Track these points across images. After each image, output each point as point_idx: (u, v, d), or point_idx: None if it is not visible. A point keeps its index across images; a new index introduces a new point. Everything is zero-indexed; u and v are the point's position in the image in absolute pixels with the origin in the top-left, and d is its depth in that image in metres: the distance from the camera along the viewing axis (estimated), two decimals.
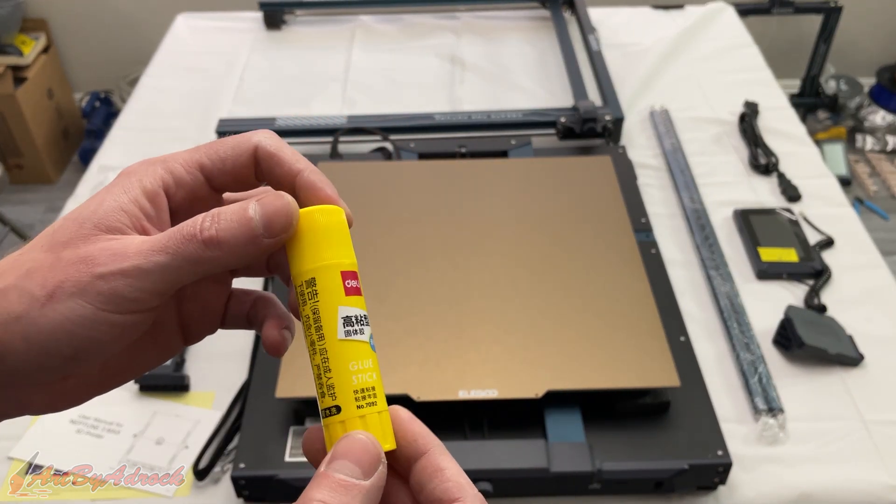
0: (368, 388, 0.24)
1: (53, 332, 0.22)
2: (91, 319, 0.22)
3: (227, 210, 0.23)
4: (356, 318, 0.25)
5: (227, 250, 0.23)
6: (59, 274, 0.22)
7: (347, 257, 0.26)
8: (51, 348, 0.22)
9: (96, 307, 0.22)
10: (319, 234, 0.25)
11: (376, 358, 0.25)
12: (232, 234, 0.23)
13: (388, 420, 0.25)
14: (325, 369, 0.24)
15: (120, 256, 0.22)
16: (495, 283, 0.69)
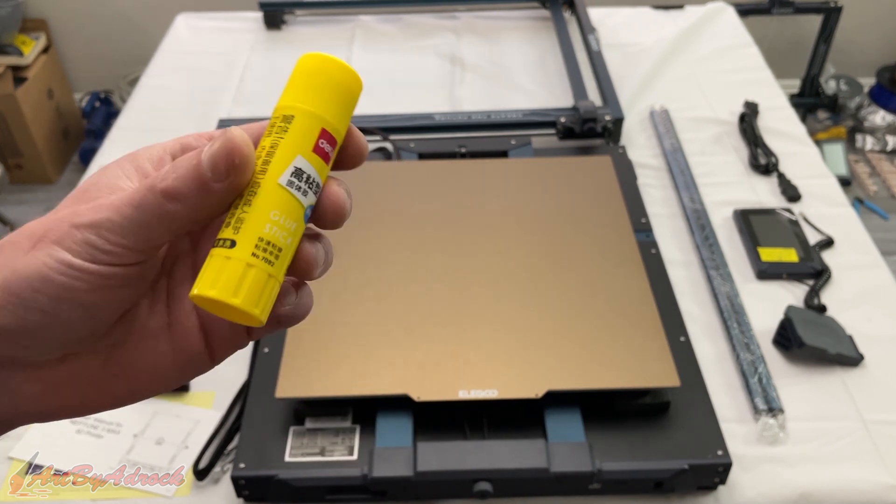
0: (276, 246, 0.22)
1: (29, 278, 0.21)
2: (66, 264, 0.21)
3: (183, 157, 0.22)
4: (308, 178, 0.23)
5: (184, 201, 0.22)
6: (45, 226, 0.22)
7: (339, 122, 0.24)
8: (28, 298, 0.21)
9: (72, 254, 0.22)
10: (324, 82, 0.24)
11: (301, 234, 0.23)
12: (184, 183, 0.22)
13: (275, 293, 0.23)
14: (246, 202, 0.22)
15: (96, 209, 0.22)
16: (495, 282, 0.69)
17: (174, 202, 0.22)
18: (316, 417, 0.61)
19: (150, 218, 0.22)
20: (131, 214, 0.22)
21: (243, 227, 0.22)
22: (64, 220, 0.22)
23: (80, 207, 0.23)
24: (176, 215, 0.22)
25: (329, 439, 0.60)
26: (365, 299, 0.68)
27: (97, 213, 0.22)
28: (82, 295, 0.22)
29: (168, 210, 0.22)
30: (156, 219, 0.22)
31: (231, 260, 0.22)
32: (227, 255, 0.22)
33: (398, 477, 0.56)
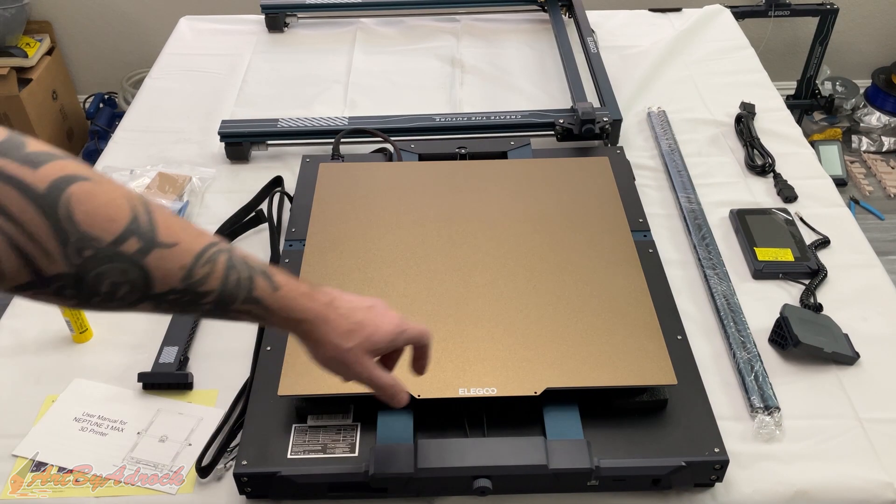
0: None
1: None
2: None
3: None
4: None
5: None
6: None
7: None
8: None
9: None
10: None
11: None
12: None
13: None
14: None
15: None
16: (495, 282, 0.70)
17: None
18: (317, 415, 0.62)
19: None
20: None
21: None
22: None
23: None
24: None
25: (331, 436, 0.61)
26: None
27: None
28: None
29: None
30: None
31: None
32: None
33: (399, 474, 0.57)
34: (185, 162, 0.97)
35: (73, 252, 0.36)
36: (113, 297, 0.38)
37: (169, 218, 0.40)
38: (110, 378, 0.70)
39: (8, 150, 0.35)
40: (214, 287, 0.42)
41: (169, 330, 0.73)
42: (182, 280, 0.40)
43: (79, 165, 0.37)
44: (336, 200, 0.80)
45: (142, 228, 0.38)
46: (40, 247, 0.35)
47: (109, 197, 0.37)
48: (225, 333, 0.75)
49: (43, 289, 0.37)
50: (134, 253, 0.38)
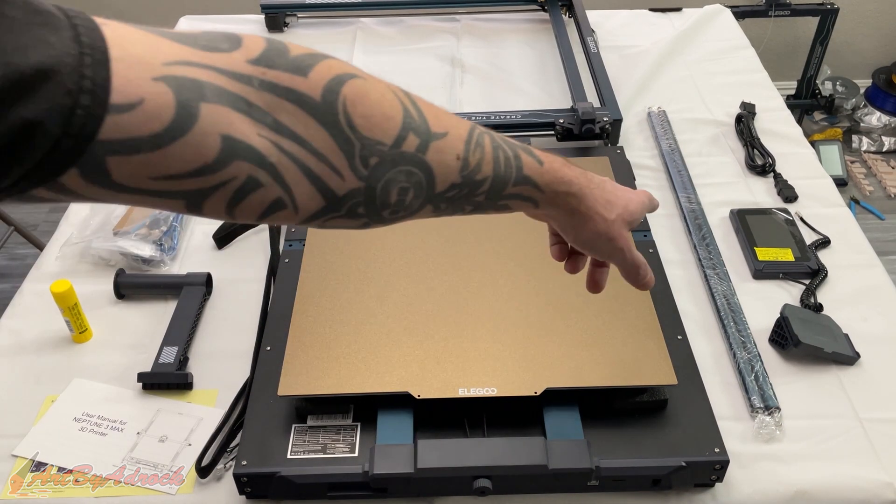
0: None
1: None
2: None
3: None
4: None
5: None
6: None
7: None
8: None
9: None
10: None
11: None
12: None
13: None
14: None
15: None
16: (494, 282, 0.70)
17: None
18: (317, 415, 0.62)
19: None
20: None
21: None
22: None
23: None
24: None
25: (330, 437, 0.61)
26: (366, 298, 0.68)
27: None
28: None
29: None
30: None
31: None
32: None
33: (399, 474, 0.57)
34: None
35: (360, 163, 0.33)
36: (401, 205, 0.36)
37: (431, 106, 0.36)
38: (110, 378, 0.70)
39: (275, 59, 0.31)
40: (488, 173, 0.38)
41: (169, 330, 0.73)
42: (460, 171, 0.37)
43: (340, 62, 0.33)
44: None
45: (415, 122, 0.34)
46: (328, 164, 0.32)
47: (380, 92, 0.33)
48: (225, 333, 0.75)
49: (335, 212, 0.34)
50: (415, 151, 0.34)
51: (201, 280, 0.78)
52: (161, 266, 0.82)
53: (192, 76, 0.28)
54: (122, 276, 0.79)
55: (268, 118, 0.30)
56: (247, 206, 0.31)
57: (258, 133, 0.30)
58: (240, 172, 0.30)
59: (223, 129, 0.29)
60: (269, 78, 0.30)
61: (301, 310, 0.67)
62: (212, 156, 0.29)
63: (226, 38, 0.31)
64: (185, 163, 0.28)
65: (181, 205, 0.30)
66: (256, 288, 0.77)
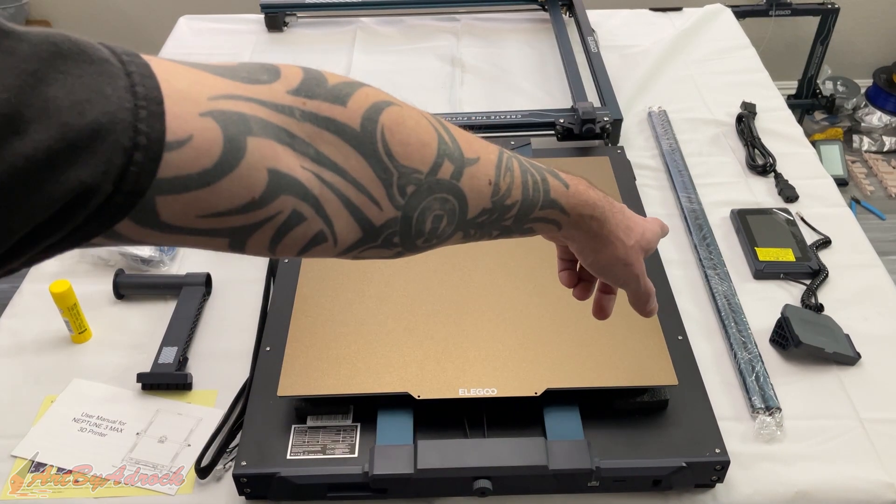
0: None
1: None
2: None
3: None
4: None
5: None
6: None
7: None
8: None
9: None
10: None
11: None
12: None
13: None
14: None
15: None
16: (494, 282, 0.70)
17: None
18: (317, 415, 0.62)
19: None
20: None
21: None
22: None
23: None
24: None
25: (330, 437, 0.60)
26: (366, 298, 0.68)
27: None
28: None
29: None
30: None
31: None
32: None
33: (399, 474, 0.57)
34: None
35: (398, 192, 0.32)
36: (435, 233, 0.35)
37: (459, 130, 0.36)
38: (109, 378, 0.70)
39: (314, 89, 0.31)
40: (518, 197, 0.37)
41: (168, 330, 0.73)
42: (491, 197, 0.36)
43: (376, 90, 0.33)
44: None
45: (450, 148, 0.34)
46: (367, 194, 0.31)
47: (415, 118, 0.33)
48: (224, 334, 0.74)
49: (372, 243, 0.33)
50: (450, 178, 0.34)
51: (201, 280, 0.78)
52: (160, 266, 0.82)
53: (237, 110, 0.28)
54: (122, 276, 0.79)
55: (310, 149, 0.30)
56: (289, 242, 0.30)
57: (301, 165, 0.29)
58: (285, 207, 0.29)
59: (270, 162, 0.28)
60: (310, 108, 0.30)
61: (301, 310, 0.67)
62: (259, 190, 0.28)
63: (265, 70, 0.31)
64: (233, 199, 0.28)
65: (225, 243, 0.29)
66: (256, 288, 0.77)
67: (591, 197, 0.42)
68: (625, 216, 0.45)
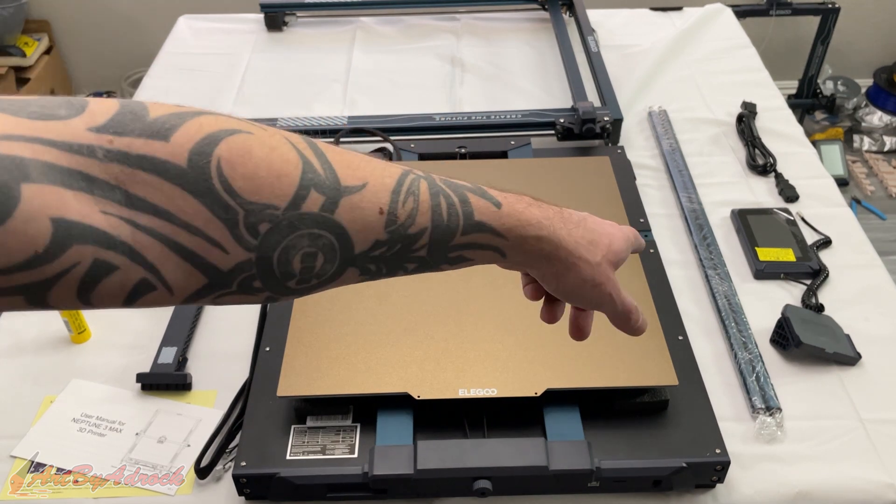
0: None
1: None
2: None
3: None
4: None
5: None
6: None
7: None
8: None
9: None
10: None
11: None
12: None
13: None
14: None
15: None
16: (494, 282, 0.70)
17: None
18: (317, 416, 0.62)
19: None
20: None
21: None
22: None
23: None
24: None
25: (330, 437, 0.60)
26: (365, 298, 0.68)
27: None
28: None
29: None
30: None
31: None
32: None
33: (398, 475, 0.57)
34: None
35: (247, 232, 0.28)
36: (310, 273, 0.31)
37: (345, 155, 0.32)
38: (109, 378, 0.70)
39: (127, 124, 0.27)
40: (425, 224, 0.33)
41: (167, 330, 0.73)
42: (385, 227, 0.32)
43: (217, 117, 0.29)
44: None
45: (319, 176, 0.30)
46: (204, 237, 0.28)
47: (269, 145, 0.29)
48: (224, 334, 0.74)
49: (224, 289, 0.30)
50: (319, 210, 0.29)
51: None
52: None
53: (10, 153, 0.24)
54: None
55: (116, 193, 0.26)
56: (104, 293, 0.27)
57: (102, 210, 0.26)
58: (82, 257, 0.26)
59: (53, 211, 0.25)
60: (118, 146, 0.26)
61: (300, 310, 0.67)
62: (42, 243, 0.25)
63: (65, 104, 0.27)
64: (9, 255, 0.24)
65: (21, 301, 0.26)
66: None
67: (532, 215, 0.37)
68: (586, 229, 0.40)
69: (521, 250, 0.37)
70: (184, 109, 0.29)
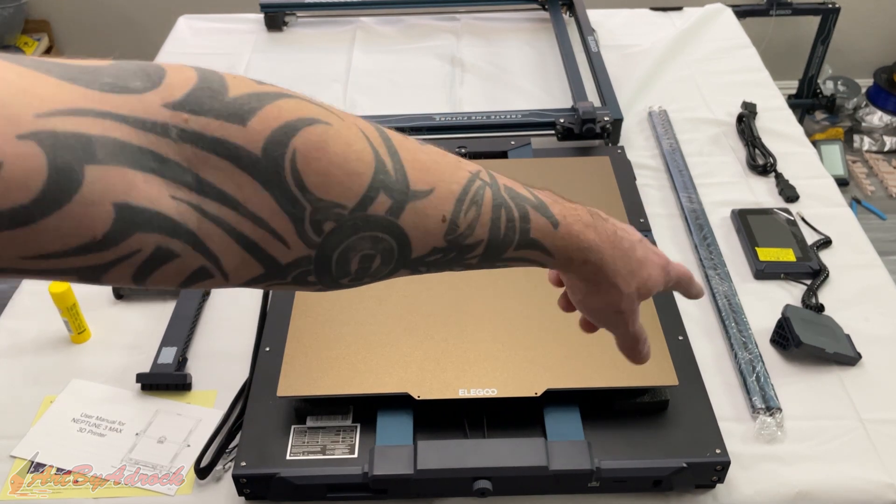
0: None
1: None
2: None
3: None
4: None
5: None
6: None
7: None
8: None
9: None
10: None
11: None
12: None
13: None
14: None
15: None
16: (494, 282, 0.70)
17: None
18: (317, 416, 0.62)
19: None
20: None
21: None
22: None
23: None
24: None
25: (330, 437, 0.60)
26: (365, 298, 0.68)
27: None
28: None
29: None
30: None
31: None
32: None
33: (398, 475, 0.57)
34: None
35: (311, 229, 0.27)
36: (365, 273, 0.30)
37: (418, 153, 0.31)
38: (108, 379, 0.70)
39: (204, 101, 0.26)
40: (483, 237, 0.33)
41: (167, 330, 0.73)
42: (445, 235, 0.31)
43: (299, 102, 0.28)
44: None
45: (390, 178, 0.29)
46: (268, 230, 0.27)
47: (346, 142, 0.28)
48: (224, 334, 0.74)
49: (279, 280, 0.29)
50: (385, 214, 0.29)
51: None
52: None
53: (77, 129, 0.22)
54: None
55: (187, 176, 0.25)
56: (160, 277, 0.26)
57: (171, 195, 0.25)
58: (144, 245, 0.25)
59: (118, 196, 0.23)
60: (193, 126, 0.25)
61: (301, 310, 0.67)
62: (101, 229, 0.23)
63: (141, 74, 0.26)
64: (63, 240, 0.23)
65: (73, 279, 0.25)
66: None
67: (587, 239, 0.36)
68: (630, 259, 0.39)
69: (564, 264, 0.38)
70: (264, 89, 0.28)
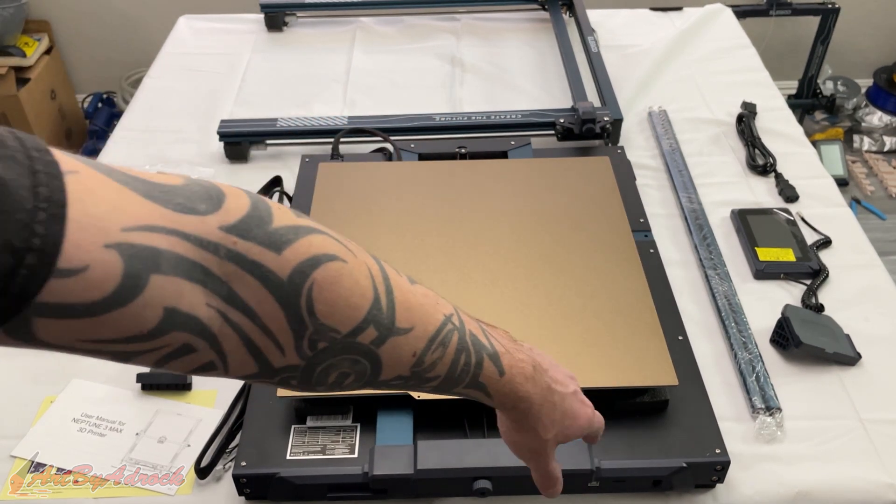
0: None
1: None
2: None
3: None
4: None
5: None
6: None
7: None
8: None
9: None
10: None
11: None
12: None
13: None
14: None
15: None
16: (495, 282, 0.70)
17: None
18: (317, 416, 0.62)
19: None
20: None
21: None
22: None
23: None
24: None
25: (330, 437, 0.60)
26: None
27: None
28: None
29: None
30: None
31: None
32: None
33: (398, 475, 0.57)
34: (183, 161, 0.97)
35: (307, 345, 0.31)
36: (338, 386, 0.35)
37: (408, 294, 0.36)
38: (109, 378, 0.70)
39: (252, 229, 0.30)
40: (441, 373, 0.37)
41: None
42: (411, 367, 0.36)
43: (326, 238, 0.32)
44: (335, 200, 0.80)
45: (381, 315, 0.33)
46: (273, 340, 0.31)
47: (354, 279, 0.32)
48: None
49: (267, 379, 0.33)
50: (369, 343, 0.33)
51: None
52: None
53: (150, 244, 0.26)
54: None
55: (223, 288, 0.29)
56: (177, 365, 0.30)
57: (207, 303, 0.29)
58: (175, 341, 0.29)
59: (169, 301, 0.27)
60: (239, 249, 0.29)
61: None
62: (150, 327, 0.27)
63: (206, 198, 0.29)
64: (119, 331, 0.27)
65: (107, 358, 0.29)
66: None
67: (523, 390, 0.41)
68: (555, 410, 0.43)
69: (498, 405, 0.42)
70: (301, 223, 0.32)
